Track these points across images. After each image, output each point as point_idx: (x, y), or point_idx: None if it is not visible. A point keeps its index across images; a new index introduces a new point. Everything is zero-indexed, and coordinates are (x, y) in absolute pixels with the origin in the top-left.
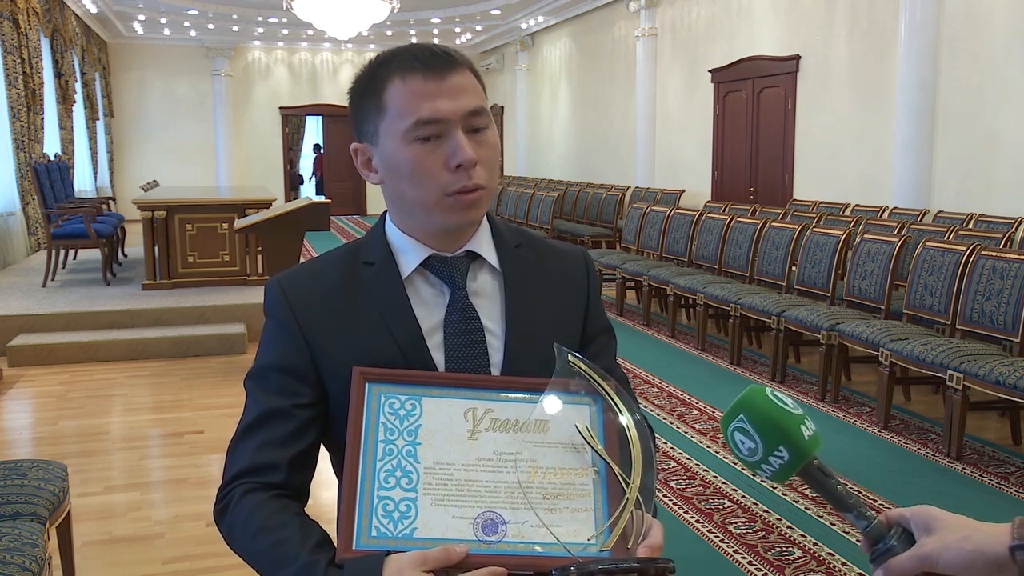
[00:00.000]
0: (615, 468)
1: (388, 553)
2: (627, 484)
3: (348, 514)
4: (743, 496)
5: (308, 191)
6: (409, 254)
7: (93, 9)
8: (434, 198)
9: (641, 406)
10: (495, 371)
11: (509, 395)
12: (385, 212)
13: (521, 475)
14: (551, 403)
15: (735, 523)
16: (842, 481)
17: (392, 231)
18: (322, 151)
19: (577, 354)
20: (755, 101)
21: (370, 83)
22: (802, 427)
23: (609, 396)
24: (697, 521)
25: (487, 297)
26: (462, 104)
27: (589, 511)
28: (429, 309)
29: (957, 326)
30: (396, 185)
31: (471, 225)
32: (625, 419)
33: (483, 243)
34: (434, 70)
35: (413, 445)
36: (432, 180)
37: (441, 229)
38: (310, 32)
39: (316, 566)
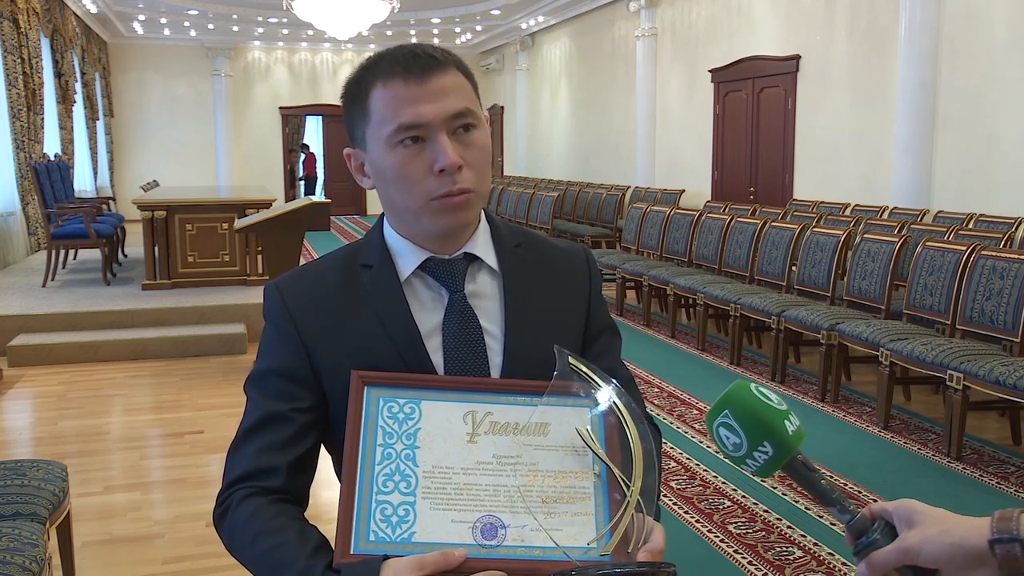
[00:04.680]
0: (615, 471)
1: (386, 557)
2: (628, 487)
3: (346, 518)
4: (743, 496)
5: (301, 191)
6: (407, 257)
7: (93, 9)
8: (420, 203)
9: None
10: (495, 373)
11: (509, 398)
12: (383, 214)
13: (521, 479)
14: (551, 406)
15: (735, 523)
16: (826, 476)
17: (390, 234)
18: (309, 149)
19: (578, 356)
20: (755, 101)
21: (356, 88)
22: (786, 422)
23: (610, 398)
24: (697, 521)
25: (486, 299)
26: (445, 107)
27: (590, 515)
28: (428, 312)
29: (957, 326)
30: (385, 190)
31: (462, 228)
32: (626, 421)
33: (482, 244)
34: (415, 74)
35: (412, 449)
36: (417, 185)
37: (432, 233)
38: (310, 32)
39: (313, 570)
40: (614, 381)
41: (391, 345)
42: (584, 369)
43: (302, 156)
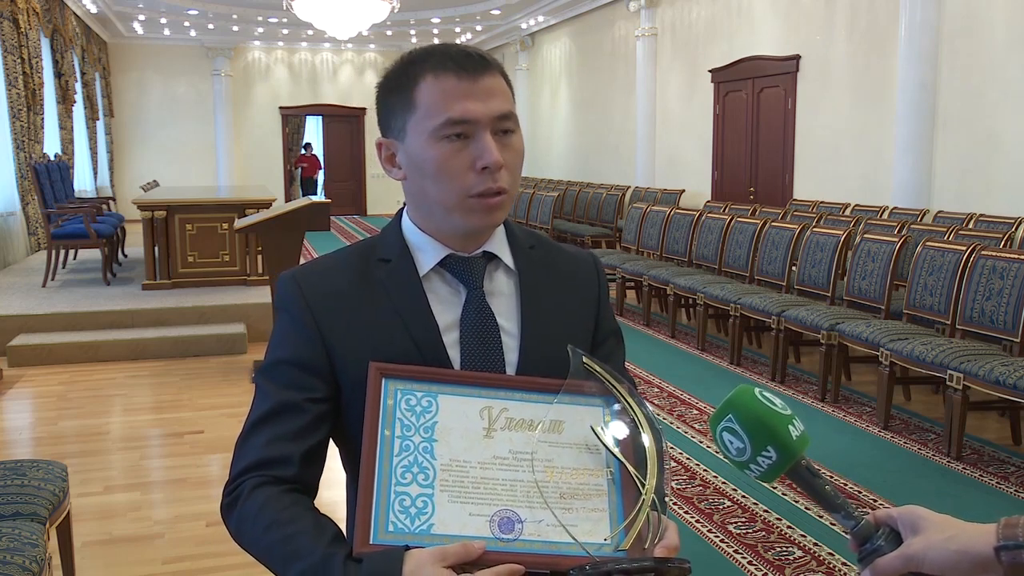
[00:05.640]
0: (630, 469)
1: (407, 548)
2: (643, 485)
3: (365, 508)
4: (743, 496)
5: (300, 193)
6: (427, 252)
7: (93, 9)
8: (456, 199)
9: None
10: (510, 370)
11: (524, 395)
12: (401, 209)
13: (537, 474)
14: (566, 404)
15: (735, 523)
16: (831, 481)
17: (410, 229)
18: (312, 149)
19: (591, 356)
20: (755, 101)
21: (401, 79)
22: (790, 427)
23: (623, 398)
24: (697, 521)
25: (503, 297)
26: (492, 107)
27: (604, 511)
28: (445, 307)
29: (957, 326)
30: (419, 183)
31: (490, 229)
32: (640, 421)
33: (499, 244)
34: (468, 70)
35: (429, 442)
36: (456, 180)
37: (460, 231)
38: (310, 32)
39: (334, 559)
40: (627, 381)
41: (409, 338)
42: (598, 369)
43: (302, 153)
